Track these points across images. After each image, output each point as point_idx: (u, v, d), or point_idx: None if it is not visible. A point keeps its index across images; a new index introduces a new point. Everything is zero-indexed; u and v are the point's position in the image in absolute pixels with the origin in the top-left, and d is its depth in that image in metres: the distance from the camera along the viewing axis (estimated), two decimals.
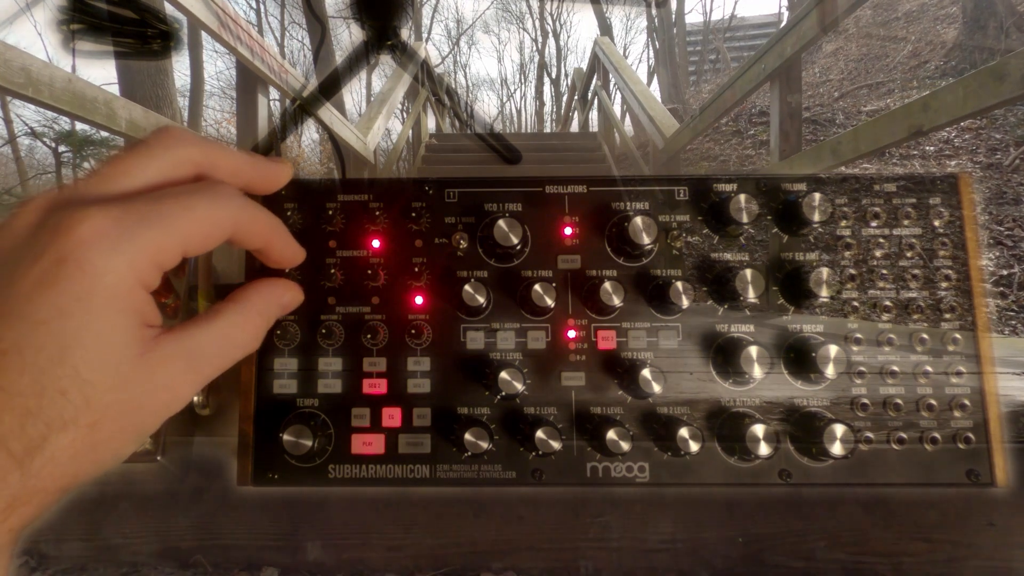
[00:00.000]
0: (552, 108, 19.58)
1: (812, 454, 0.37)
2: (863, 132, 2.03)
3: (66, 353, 0.22)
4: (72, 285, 0.22)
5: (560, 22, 18.85)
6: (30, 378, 0.21)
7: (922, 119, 1.72)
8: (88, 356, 0.22)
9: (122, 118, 1.82)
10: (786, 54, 2.44)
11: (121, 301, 0.23)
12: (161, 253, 0.24)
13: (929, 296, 0.39)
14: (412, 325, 0.38)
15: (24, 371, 0.21)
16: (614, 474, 0.38)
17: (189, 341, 0.26)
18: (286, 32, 14.93)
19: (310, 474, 0.37)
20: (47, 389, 0.21)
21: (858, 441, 0.37)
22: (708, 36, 15.45)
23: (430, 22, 18.06)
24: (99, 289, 0.22)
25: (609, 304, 0.37)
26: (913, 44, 6.91)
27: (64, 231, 0.22)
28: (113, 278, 0.23)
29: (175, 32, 1.42)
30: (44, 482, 0.22)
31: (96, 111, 1.71)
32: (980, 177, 4.10)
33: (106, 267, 0.22)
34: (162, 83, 4.16)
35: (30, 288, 0.22)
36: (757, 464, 0.37)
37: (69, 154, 6.05)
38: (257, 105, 2.65)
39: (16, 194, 6.46)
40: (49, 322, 0.22)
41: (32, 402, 0.21)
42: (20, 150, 7.47)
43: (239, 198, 0.28)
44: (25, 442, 0.21)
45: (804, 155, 2.46)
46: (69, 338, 0.22)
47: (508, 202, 0.40)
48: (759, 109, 5.93)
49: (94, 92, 1.70)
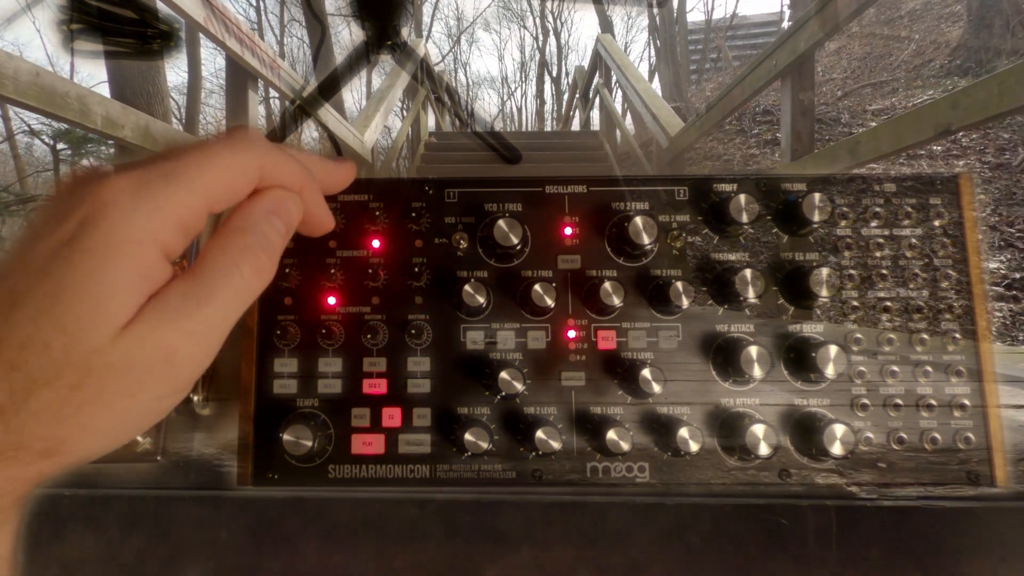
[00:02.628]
0: (553, 106, 19.57)
1: (812, 454, 0.37)
2: (884, 131, 1.93)
3: (56, 303, 0.21)
4: (85, 241, 0.22)
5: (561, 20, 18.83)
6: (20, 330, 0.21)
7: (951, 117, 1.61)
8: (78, 309, 0.21)
9: (97, 114, 1.70)
10: (799, 50, 2.35)
11: (130, 260, 0.22)
12: (183, 208, 0.23)
13: (929, 296, 0.39)
14: (412, 325, 0.38)
15: (17, 324, 0.21)
16: (614, 474, 0.38)
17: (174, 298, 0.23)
18: (285, 29, 14.94)
19: (310, 474, 0.37)
20: (33, 340, 0.21)
21: (858, 441, 0.37)
22: (710, 35, 15.41)
23: (430, 20, 18.05)
24: (110, 244, 0.22)
25: (609, 304, 0.37)
26: (917, 43, 6.89)
27: (89, 195, 0.22)
28: (126, 234, 0.22)
29: (175, 32, 1.42)
30: (27, 439, 0.21)
31: (67, 107, 1.58)
32: (989, 177, 4.08)
33: (123, 223, 0.22)
34: (153, 79, 4.05)
35: (52, 249, 0.22)
36: (757, 464, 0.37)
37: (68, 151, 6.07)
38: (248, 101, 2.57)
39: (15, 191, 6.48)
40: (52, 273, 0.21)
41: (16, 353, 0.21)
42: (19, 148, 7.48)
43: (264, 144, 0.26)
44: (8, 392, 0.21)
45: (818, 155, 2.38)
46: (64, 289, 0.21)
47: (508, 202, 0.40)
48: (763, 108, 5.92)
49: (65, 86, 1.58)
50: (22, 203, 5.90)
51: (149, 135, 1.94)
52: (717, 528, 0.39)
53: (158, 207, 0.22)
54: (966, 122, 1.59)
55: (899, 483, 0.38)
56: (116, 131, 1.79)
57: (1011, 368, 0.62)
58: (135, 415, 0.24)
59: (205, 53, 8.52)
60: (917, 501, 0.38)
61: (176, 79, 13.32)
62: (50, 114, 1.55)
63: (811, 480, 0.37)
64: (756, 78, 2.75)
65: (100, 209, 0.22)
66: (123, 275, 0.22)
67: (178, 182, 0.23)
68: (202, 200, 0.24)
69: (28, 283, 0.21)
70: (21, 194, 6.36)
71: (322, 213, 0.29)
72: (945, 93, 5.39)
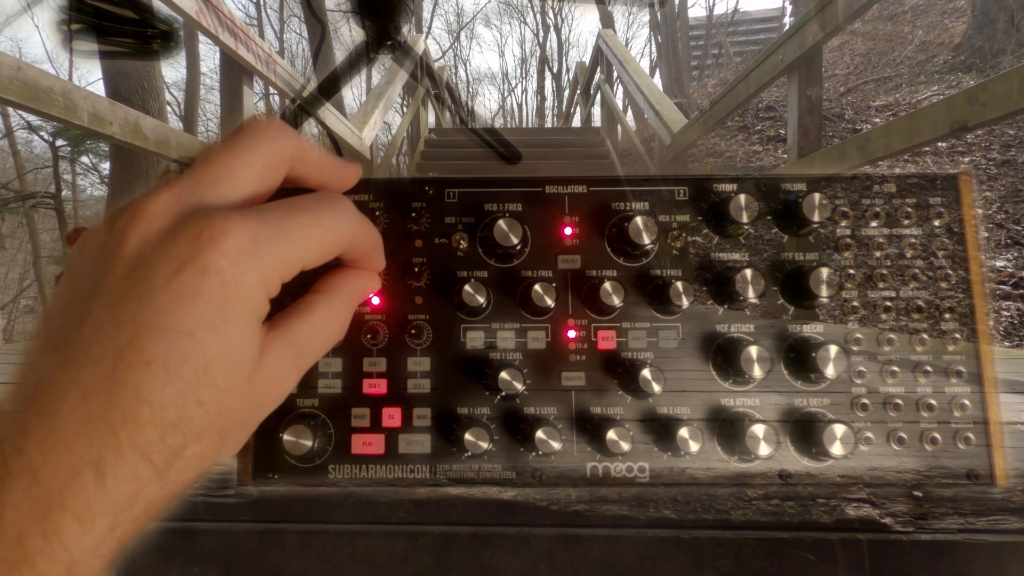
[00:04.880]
0: (553, 103, 19.51)
1: (812, 454, 0.37)
2: (896, 128, 1.87)
3: (209, 366, 0.22)
4: (215, 296, 0.22)
5: (561, 16, 18.76)
6: (173, 390, 0.21)
7: (967, 113, 1.55)
8: (226, 367, 0.23)
9: (83, 111, 1.63)
10: (806, 44, 2.30)
11: (255, 313, 0.24)
12: (287, 268, 0.25)
13: (929, 296, 0.39)
14: (412, 325, 0.39)
15: (168, 383, 0.21)
16: (614, 474, 0.38)
17: (293, 337, 0.26)
18: (285, 25, 14.89)
19: (310, 474, 0.37)
20: (188, 401, 0.22)
21: (858, 441, 0.37)
22: (711, 30, 15.34)
23: (430, 16, 18.00)
24: (239, 301, 0.23)
25: (609, 304, 0.37)
26: (920, 39, 6.86)
27: (207, 241, 0.22)
28: (251, 292, 0.23)
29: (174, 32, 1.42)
30: (175, 487, 0.23)
31: (52, 103, 1.51)
32: (995, 174, 4.06)
33: (245, 281, 0.23)
34: (148, 75, 4.01)
35: (172, 297, 0.22)
36: (757, 464, 0.37)
37: (68, 147, 6.06)
38: (243, 98, 2.51)
39: (14, 188, 6.48)
40: (194, 333, 0.22)
41: (174, 414, 0.21)
42: (18, 144, 7.48)
43: (357, 215, 0.29)
44: (165, 453, 0.21)
45: (827, 152, 2.32)
46: (212, 351, 0.22)
47: (508, 202, 0.40)
48: (766, 104, 5.90)
49: (49, 81, 1.51)
50: (21, 200, 5.90)
51: (139, 132, 1.88)
52: (739, 565, 0.37)
53: (272, 265, 0.24)
54: (984, 118, 1.53)
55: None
56: (104, 128, 1.72)
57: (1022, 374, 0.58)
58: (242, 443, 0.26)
59: (205, 49, 8.50)
60: (957, 535, 0.35)
61: (175, 75, 13.29)
62: (33, 110, 1.50)
63: (811, 480, 0.37)
64: (762, 73, 2.69)
65: (221, 261, 0.22)
66: (252, 328, 0.24)
67: (289, 242, 0.25)
68: (302, 260, 0.26)
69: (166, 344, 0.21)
70: (20, 191, 6.37)
71: (379, 263, 0.33)
72: (950, 89, 5.35)
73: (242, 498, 0.39)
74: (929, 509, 0.34)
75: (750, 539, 0.36)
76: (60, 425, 0.20)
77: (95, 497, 0.20)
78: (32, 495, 0.20)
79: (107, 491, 0.20)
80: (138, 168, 3.93)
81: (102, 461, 0.20)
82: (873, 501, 0.34)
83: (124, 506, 0.21)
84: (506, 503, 0.39)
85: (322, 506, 0.41)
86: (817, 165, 2.31)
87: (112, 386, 0.21)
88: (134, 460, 0.21)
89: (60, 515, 0.20)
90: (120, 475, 0.21)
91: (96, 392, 0.21)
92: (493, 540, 0.37)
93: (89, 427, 0.20)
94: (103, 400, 0.21)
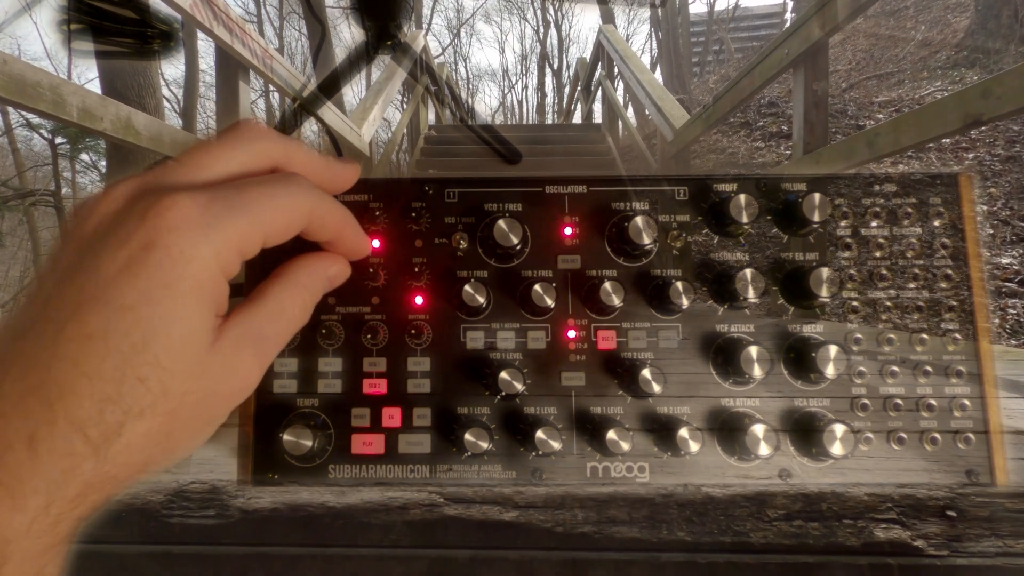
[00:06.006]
0: (554, 99, 19.47)
1: (812, 454, 0.37)
2: (906, 123, 1.81)
3: (150, 340, 0.22)
4: (159, 271, 0.22)
5: (562, 12, 18.70)
6: (112, 364, 0.21)
7: (981, 107, 1.48)
8: (170, 344, 0.22)
9: (73, 106, 1.57)
10: (813, 37, 2.25)
11: (204, 290, 0.23)
12: (244, 241, 0.24)
13: (929, 296, 0.39)
14: (412, 325, 0.39)
15: (107, 357, 0.21)
16: (614, 474, 0.38)
17: (250, 323, 0.26)
18: (285, 21, 14.85)
19: (310, 474, 0.38)
20: (127, 376, 0.21)
21: (858, 441, 0.37)
22: (712, 27, 15.29)
23: (430, 12, 17.93)
24: (185, 276, 0.22)
25: (609, 304, 0.37)
26: (923, 34, 6.83)
27: (152, 216, 0.22)
28: (199, 266, 0.23)
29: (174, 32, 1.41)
30: (117, 469, 0.22)
31: (40, 97, 1.46)
32: (1000, 171, 4.04)
33: (193, 254, 0.22)
34: (144, 71, 3.95)
35: (116, 272, 0.22)
36: (757, 464, 0.37)
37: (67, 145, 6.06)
38: (238, 94, 2.46)
39: (13, 186, 6.47)
40: (135, 308, 0.21)
41: (112, 388, 0.21)
42: (18, 142, 7.47)
43: (315, 190, 0.28)
44: (103, 428, 0.21)
45: (833, 148, 2.28)
46: (154, 325, 0.22)
47: (508, 202, 0.40)
48: (768, 100, 5.88)
49: (36, 75, 1.47)
50: (21, 197, 5.90)
51: (131, 128, 1.84)
52: None
53: (225, 238, 0.23)
54: (999, 112, 1.46)
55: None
56: (94, 123, 1.68)
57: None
58: (205, 436, 0.25)
59: (204, 46, 8.46)
60: (995, 558, 0.33)
61: (176, 72, 13.26)
62: (20, 105, 1.45)
63: (811, 480, 0.37)
64: (766, 68, 2.64)
65: (167, 235, 0.22)
66: (203, 307, 0.23)
67: (244, 215, 0.24)
68: (261, 235, 0.25)
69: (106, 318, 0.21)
70: (20, 188, 6.37)
71: (358, 243, 0.32)
72: (953, 84, 5.31)
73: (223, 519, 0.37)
74: (964, 530, 0.32)
75: (772, 564, 0.34)
76: (0, 399, 0.20)
77: (27, 472, 0.20)
78: None
79: (40, 465, 0.20)
80: (134, 165, 3.92)
81: (36, 434, 0.20)
82: (903, 522, 0.32)
83: (59, 483, 0.20)
84: (507, 524, 0.36)
85: (309, 527, 0.39)
86: (824, 161, 2.27)
87: (51, 359, 0.21)
88: (69, 434, 0.20)
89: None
90: (54, 450, 0.20)
91: (36, 365, 0.21)
92: (494, 565, 0.35)
93: (26, 399, 0.20)
94: (41, 372, 0.20)
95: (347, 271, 0.33)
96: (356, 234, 0.32)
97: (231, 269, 0.24)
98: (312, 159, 0.30)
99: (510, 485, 0.38)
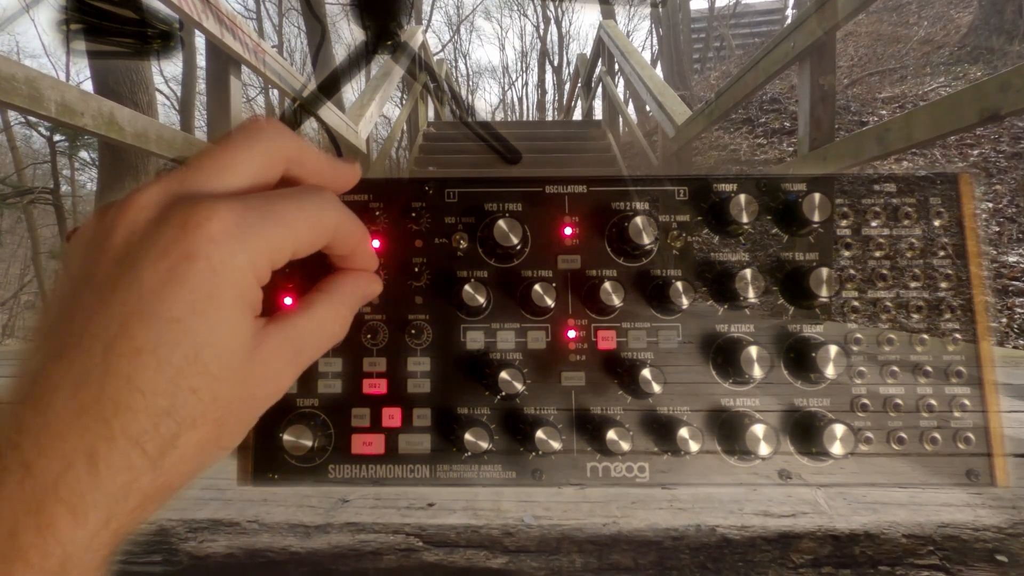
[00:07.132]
0: (554, 96, 19.42)
1: (812, 454, 0.37)
2: (919, 117, 1.74)
3: (200, 351, 0.22)
4: (202, 282, 0.22)
5: (562, 9, 18.62)
6: (165, 377, 0.21)
7: (999, 101, 1.41)
8: (218, 353, 0.23)
9: (51, 100, 1.52)
10: (819, 31, 2.20)
11: (245, 298, 0.24)
12: (277, 252, 0.25)
13: (929, 296, 0.39)
14: (412, 325, 0.39)
15: (159, 370, 0.21)
16: (614, 474, 0.38)
17: (292, 331, 0.26)
18: (284, 18, 14.81)
19: (310, 474, 0.38)
20: (180, 388, 0.22)
21: (858, 441, 0.37)
22: (713, 23, 15.24)
23: (430, 8, 17.88)
24: (227, 286, 0.23)
25: (609, 304, 0.37)
26: (926, 29, 6.80)
27: (193, 227, 0.22)
28: (238, 275, 0.23)
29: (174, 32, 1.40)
30: (172, 479, 0.22)
31: (15, 91, 1.41)
32: (1005, 167, 4.01)
33: (232, 264, 0.23)
34: (137, 67, 3.93)
35: (159, 285, 0.22)
36: (757, 464, 0.37)
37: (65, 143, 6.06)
38: (230, 89, 2.41)
39: (12, 183, 6.47)
40: (183, 320, 0.22)
41: (166, 401, 0.21)
42: (16, 139, 7.47)
43: (341, 205, 0.29)
44: (159, 442, 0.21)
45: (842, 144, 2.23)
46: (202, 336, 0.22)
47: (508, 202, 0.40)
48: (770, 96, 5.86)
49: (11, 68, 1.42)
50: (20, 195, 5.90)
51: (114, 123, 1.78)
52: None
53: (261, 248, 0.24)
54: (1019, 106, 1.39)
55: (899, 483, 0.36)
56: (74, 119, 1.63)
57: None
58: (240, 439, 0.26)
59: (203, 42, 8.44)
60: None
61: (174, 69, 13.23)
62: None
63: (811, 480, 0.37)
64: (771, 62, 2.59)
65: (208, 246, 0.22)
66: (244, 313, 0.24)
67: (277, 226, 0.25)
68: (292, 246, 0.26)
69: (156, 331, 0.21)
70: (19, 186, 6.37)
71: (370, 260, 0.33)
72: (956, 80, 5.28)
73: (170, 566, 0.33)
74: None
75: None
76: (53, 417, 0.20)
77: (89, 489, 0.20)
78: (26, 488, 0.20)
79: (101, 482, 0.20)
80: (127, 162, 3.89)
81: (95, 452, 0.20)
82: (947, 568, 0.27)
83: (118, 498, 0.21)
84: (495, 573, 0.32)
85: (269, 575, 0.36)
86: (831, 157, 2.22)
87: (104, 376, 0.21)
88: (127, 450, 0.21)
89: (54, 507, 0.20)
90: (114, 465, 0.20)
91: (88, 382, 0.21)
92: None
93: (82, 418, 0.20)
94: (95, 390, 0.21)
95: (379, 289, 0.34)
96: (371, 251, 0.33)
97: (264, 277, 0.25)
98: (321, 160, 0.30)
99: (510, 485, 0.38)
